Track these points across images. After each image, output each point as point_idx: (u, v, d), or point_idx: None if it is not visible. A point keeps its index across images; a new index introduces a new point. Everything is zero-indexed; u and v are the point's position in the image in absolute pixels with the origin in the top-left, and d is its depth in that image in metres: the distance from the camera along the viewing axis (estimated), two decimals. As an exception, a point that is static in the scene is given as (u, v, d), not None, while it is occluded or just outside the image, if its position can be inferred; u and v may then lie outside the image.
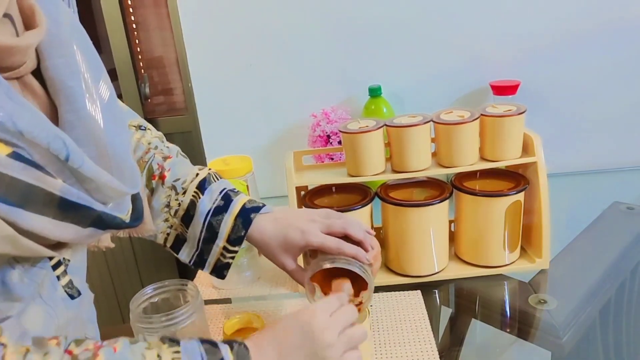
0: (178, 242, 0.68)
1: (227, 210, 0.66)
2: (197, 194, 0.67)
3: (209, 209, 0.66)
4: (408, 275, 0.88)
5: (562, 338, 0.74)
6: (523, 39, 1.17)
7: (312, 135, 1.20)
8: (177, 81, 1.59)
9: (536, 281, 0.87)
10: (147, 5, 1.50)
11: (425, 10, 1.16)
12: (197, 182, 0.68)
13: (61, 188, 0.40)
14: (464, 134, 0.83)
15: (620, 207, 1.08)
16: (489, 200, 0.84)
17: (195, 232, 0.67)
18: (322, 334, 0.51)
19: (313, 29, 1.19)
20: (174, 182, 0.68)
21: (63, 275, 0.49)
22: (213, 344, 0.48)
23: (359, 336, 0.55)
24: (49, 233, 0.40)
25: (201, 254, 0.67)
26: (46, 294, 0.47)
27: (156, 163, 0.68)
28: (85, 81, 0.44)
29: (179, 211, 0.67)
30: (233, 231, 0.66)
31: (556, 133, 1.22)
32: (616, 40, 1.16)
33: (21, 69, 0.42)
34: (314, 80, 1.23)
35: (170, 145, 0.73)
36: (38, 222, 0.39)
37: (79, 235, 0.43)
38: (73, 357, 0.41)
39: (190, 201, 0.67)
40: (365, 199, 0.87)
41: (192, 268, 0.69)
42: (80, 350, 0.42)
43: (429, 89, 1.22)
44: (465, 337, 0.77)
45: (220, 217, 0.66)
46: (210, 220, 0.66)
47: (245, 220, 0.66)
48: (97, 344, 0.43)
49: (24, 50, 0.41)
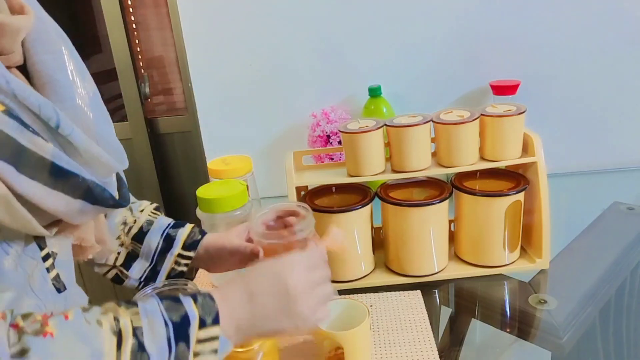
0: (129, 259, 0.71)
1: (184, 225, 0.73)
2: (154, 214, 0.74)
3: (168, 223, 0.73)
4: (408, 275, 0.88)
5: (562, 338, 0.74)
6: (523, 39, 1.17)
7: (312, 135, 1.20)
8: (177, 81, 1.59)
9: (536, 281, 0.87)
10: (147, 5, 1.50)
11: (426, 11, 1.16)
12: (153, 207, 0.75)
13: (52, 152, 0.40)
14: (464, 134, 0.83)
15: (620, 207, 1.08)
16: (489, 200, 0.84)
17: (150, 246, 0.70)
18: (296, 288, 0.51)
19: (313, 29, 1.19)
20: (131, 204, 0.73)
21: (51, 268, 0.49)
22: (175, 299, 0.47)
23: (329, 294, 0.56)
24: (40, 200, 0.40)
25: (154, 267, 0.70)
26: (37, 286, 0.47)
27: None
28: (73, 76, 0.45)
29: (132, 228, 0.71)
30: (189, 237, 0.71)
31: (556, 133, 1.22)
32: (616, 41, 1.16)
33: (10, 57, 0.42)
34: (314, 80, 1.23)
35: None
36: (30, 187, 0.39)
37: (70, 208, 0.43)
38: (19, 329, 0.38)
39: (147, 220, 0.72)
40: (365, 199, 0.87)
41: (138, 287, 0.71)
42: (28, 322, 0.39)
43: (429, 89, 1.22)
44: (465, 337, 0.77)
45: (177, 229, 0.72)
46: (168, 232, 0.71)
47: (201, 231, 0.73)
48: (45, 314, 0.41)
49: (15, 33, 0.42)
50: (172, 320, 0.45)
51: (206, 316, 0.46)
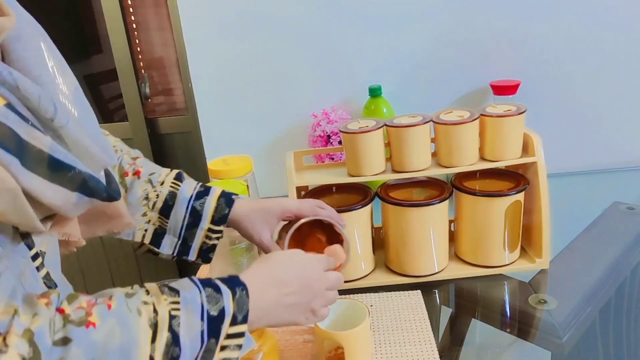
0: (157, 236, 0.69)
1: (209, 193, 0.70)
2: (175, 184, 0.70)
3: (191, 194, 0.69)
4: (408, 275, 0.88)
5: (562, 338, 0.74)
6: (523, 39, 1.17)
7: (312, 135, 1.20)
8: (177, 81, 1.59)
9: (536, 281, 0.87)
10: (147, 5, 1.50)
11: (425, 10, 1.16)
12: (173, 175, 0.71)
13: (50, 145, 0.40)
14: (464, 134, 0.83)
15: (620, 207, 1.08)
16: (489, 200, 0.84)
17: (177, 220, 0.69)
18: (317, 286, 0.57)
19: (313, 29, 1.19)
20: (149, 176, 0.70)
21: (41, 267, 0.49)
22: (216, 289, 0.49)
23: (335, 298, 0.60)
24: (40, 194, 0.40)
25: (184, 242, 0.69)
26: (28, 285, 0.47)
27: (126, 162, 0.70)
28: (53, 72, 0.45)
29: (157, 203, 0.69)
30: (217, 211, 0.69)
31: (556, 133, 1.22)
32: (616, 41, 1.16)
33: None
34: (314, 80, 1.23)
35: (134, 149, 0.75)
36: (32, 180, 0.39)
37: (66, 201, 0.43)
38: (65, 316, 0.40)
39: (169, 192, 0.69)
40: (365, 199, 0.87)
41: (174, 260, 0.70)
42: (73, 308, 0.41)
43: (429, 89, 1.22)
44: (465, 337, 0.77)
45: (203, 200, 0.69)
46: (193, 205, 0.69)
47: (228, 200, 0.69)
48: (90, 301, 0.43)
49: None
50: (209, 314, 0.47)
51: (238, 313, 0.49)
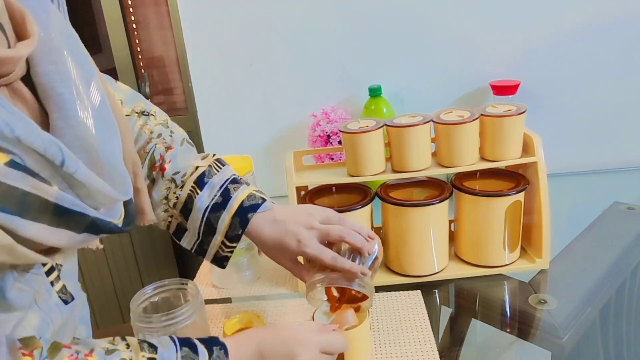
0: (179, 230, 0.70)
1: (225, 207, 0.66)
2: (194, 189, 0.67)
3: (207, 205, 0.67)
4: (408, 275, 0.88)
5: (562, 338, 0.74)
6: (523, 39, 1.17)
7: (312, 135, 1.20)
8: (177, 81, 1.59)
9: (536, 281, 0.87)
10: (147, 4, 1.50)
11: (426, 10, 1.16)
12: (195, 177, 0.68)
13: (56, 195, 0.39)
14: (464, 134, 0.83)
15: (620, 207, 1.08)
16: (489, 200, 0.84)
17: (194, 224, 0.68)
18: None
19: (313, 28, 1.18)
20: (173, 175, 0.68)
21: (57, 281, 0.49)
22: (193, 348, 0.50)
23: None
24: (44, 240, 0.40)
25: (202, 243, 0.68)
26: (42, 300, 0.47)
27: (158, 154, 0.68)
28: (77, 87, 0.44)
29: (177, 204, 0.68)
30: (230, 229, 0.66)
31: (556, 133, 1.22)
32: (616, 41, 1.16)
33: (11, 76, 0.41)
34: (314, 80, 1.23)
35: (176, 131, 0.72)
36: (34, 230, 0.39)
37: (73, 241, 0.43)
38: None
39: (188, 196, 0.67)
40: (365, 199, 0.87)
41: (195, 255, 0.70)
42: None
43: (429, 89, 1.22)
44: (465, 337, 0.77)
45: (218, 214, 0.66)
46: (208, 216, 0.66)
47: (243, 220, 0.66)
48: (72, 355, 0.43)
49: (16, 61, 0.41)
50: None
51: None
